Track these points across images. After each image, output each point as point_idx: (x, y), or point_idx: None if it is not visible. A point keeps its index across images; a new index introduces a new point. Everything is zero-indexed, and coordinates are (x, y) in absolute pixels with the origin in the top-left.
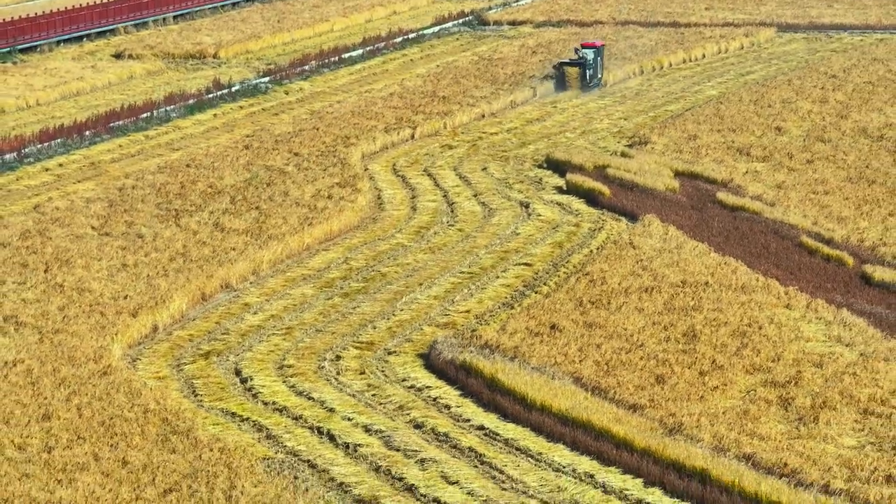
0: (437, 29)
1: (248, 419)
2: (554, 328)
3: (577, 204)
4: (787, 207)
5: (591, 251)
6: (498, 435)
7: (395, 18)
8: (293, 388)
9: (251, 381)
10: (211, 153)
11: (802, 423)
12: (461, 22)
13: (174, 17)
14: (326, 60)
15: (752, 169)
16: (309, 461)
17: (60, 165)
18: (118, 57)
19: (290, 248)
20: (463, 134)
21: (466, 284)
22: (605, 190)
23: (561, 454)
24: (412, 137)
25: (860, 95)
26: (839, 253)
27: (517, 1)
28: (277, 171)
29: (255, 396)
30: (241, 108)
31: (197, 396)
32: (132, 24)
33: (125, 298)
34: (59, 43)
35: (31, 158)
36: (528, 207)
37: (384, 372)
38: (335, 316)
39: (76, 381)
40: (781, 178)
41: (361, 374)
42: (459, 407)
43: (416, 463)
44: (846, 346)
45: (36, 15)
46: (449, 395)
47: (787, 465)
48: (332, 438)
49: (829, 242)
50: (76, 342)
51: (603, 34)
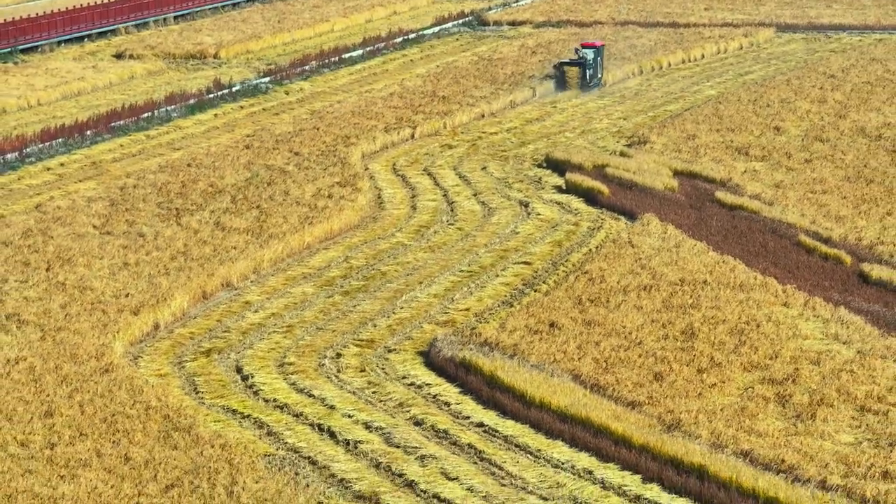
0: (437, 29)
1: (249, 416)
2: (553, 326)
3: (576, 203)
4: (785, 206)
5: (590, 250)
6: (497, 432)
7: (395, 19)
8: (294, 385)
9: (252, 378)
10: (212, 153)
11: (800, 419)
12: (461, 22)
13: (175, 17)
14: (327, 60)
15: (750, 168)
16: (310, 458)
17: (62, 165)
18: (119, 57)
19: (290, 246)
20: (463, 134)
21: (466, 283)
22: (604, 189)
23: (560, 451)
24: (412, 137)
25: (858, 95)
26: (837, 252)
27: (517, 1)
28: (278, 170)
29: (256, 394)
30: (241, 107)
31: (198, 394)
32: (133, 24)
33: (127, 296)
34: (60, 43)
35: (32, 158)
36: (527, 206)
37: (384, 369)
38: (335, 314)
39: (78, 378)
40: (780, 177)
41: (362, 371)
42: (459, 404)
43: (416, 459)
44: (843, 343)
45: (37, 15)
46: (449, 392)
47: (784, 461)
48: (332, 435)
49: (827, 241)
50: (78, 340)
51: (602, 34)
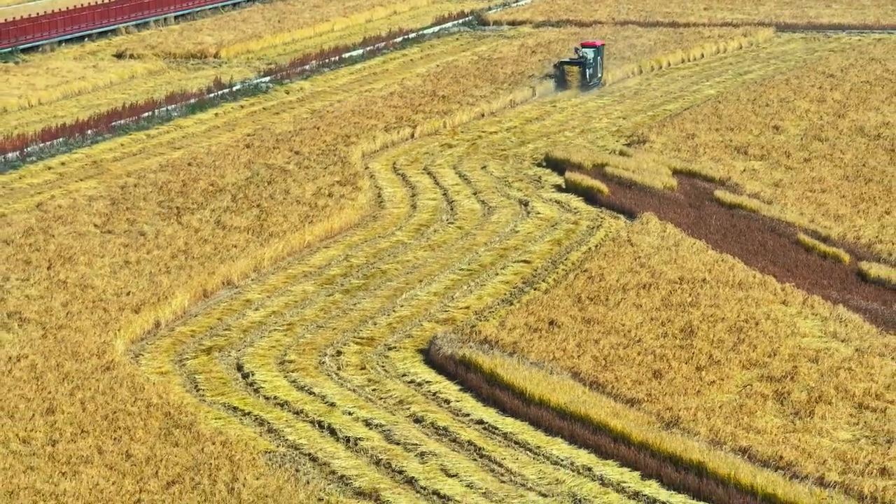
0: (437, 29)
1: (249, 413)
2: (552, 324)
3: (575, 202)
4: (784, 205)
5: (589, 248)
6: (497, 429)
7: (395, 18)
8: (294, 383)
9: (253, 376)
10: (212, 152)
11: (798, 417)
12: (461, 22)
13: (175, 17)
14: (327, 60)
15: (749, 167)
16: (310, 454)
17: (63, 164)
18: (120, 57)
19: (291, 245)
20: (463, 133)
21: (466, 281)
22: (603, 188)
23: (559, 447)
24: (412, 136)
25: (857, 95)
26: (835, 250)
27: (517, 1)
28: (278, 169)
29: (256, 391)
30: (242, 107)
31: (199, 391)
32: (133, 24)
33: (127, 295)
34: (60, 43)
35: (33, 157)
36: (527, 205)
37: (384, 367)
38: (336, 312)
39: (80, 375)
40: (779, 176)
41: (362, 369)
42: (459, 401)
43: (416, 456)
44: (842, 341)
45: (38, 15)
46: (448, 389)
47: (782, 458)
48: (332, 432)
49: (825, 240)
50: (79, 338)
51: (602, 34)
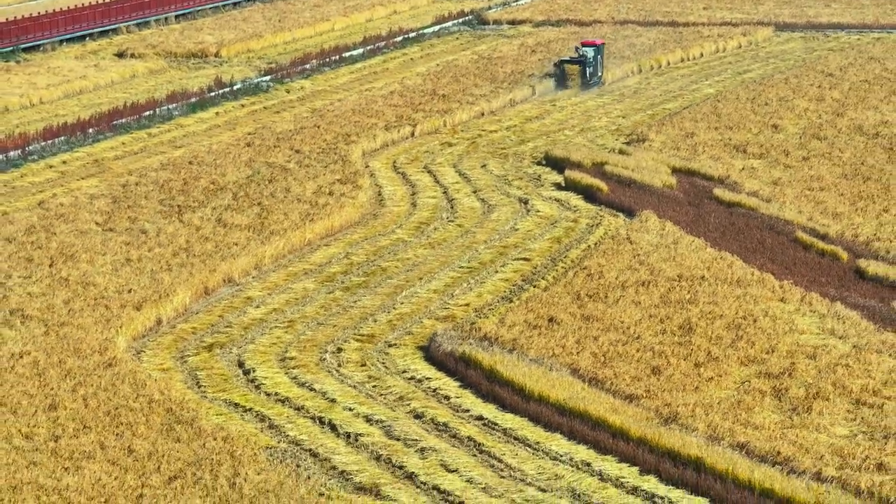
0: (437, 28)
1: (250, 409)
2: (552, 321)
3: (575, 200)
4: (782, 203)
5: (588, 246)
6: (496, 425)
7: (395, 18)
8: (295, 379)
9: (254, 372)
10: (213, 150)
11: (796, 412)
12: (461, 21)
13: (176, 16)
14: (327, 59)
15: (748, 166)
16: (311, 450)
17: (64, 163)
18: (121, 56)
19: (291, 243)
20: (463, 132)
21: (466, 279)
22: (603, 186)
23: (558, 443)
24: (412, 135)
25: (856, 94)
26: (834, 248)
27: (516, 0)
28: (279, 167)
29: (257, 388)
30: (242, 106)
31: (200, 387)
32: (134, 23)
33: (129, 292)
34: (61, 42)
35: (35, 156)
36: (526, 204)
37: (385, 364)
38: (336, 309)
39: (82, 372)
40: (777, 174)
41: (362, 365)
42: (459, 398)
43: (416, 452)
44: (839, 338)
45: (39, 14)
46: (448, 386)
47: (780, 453)
48: (333, 428)
49: (823, 238)
50: (81, 335)
51: (602, 33)
